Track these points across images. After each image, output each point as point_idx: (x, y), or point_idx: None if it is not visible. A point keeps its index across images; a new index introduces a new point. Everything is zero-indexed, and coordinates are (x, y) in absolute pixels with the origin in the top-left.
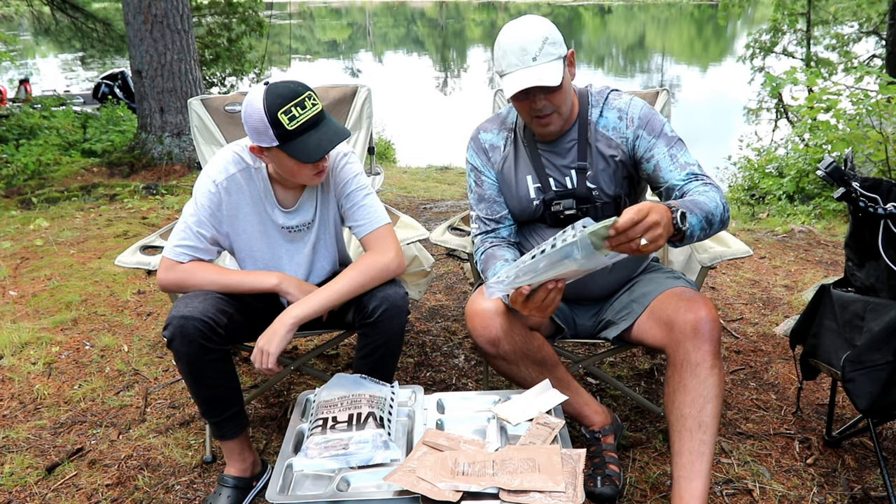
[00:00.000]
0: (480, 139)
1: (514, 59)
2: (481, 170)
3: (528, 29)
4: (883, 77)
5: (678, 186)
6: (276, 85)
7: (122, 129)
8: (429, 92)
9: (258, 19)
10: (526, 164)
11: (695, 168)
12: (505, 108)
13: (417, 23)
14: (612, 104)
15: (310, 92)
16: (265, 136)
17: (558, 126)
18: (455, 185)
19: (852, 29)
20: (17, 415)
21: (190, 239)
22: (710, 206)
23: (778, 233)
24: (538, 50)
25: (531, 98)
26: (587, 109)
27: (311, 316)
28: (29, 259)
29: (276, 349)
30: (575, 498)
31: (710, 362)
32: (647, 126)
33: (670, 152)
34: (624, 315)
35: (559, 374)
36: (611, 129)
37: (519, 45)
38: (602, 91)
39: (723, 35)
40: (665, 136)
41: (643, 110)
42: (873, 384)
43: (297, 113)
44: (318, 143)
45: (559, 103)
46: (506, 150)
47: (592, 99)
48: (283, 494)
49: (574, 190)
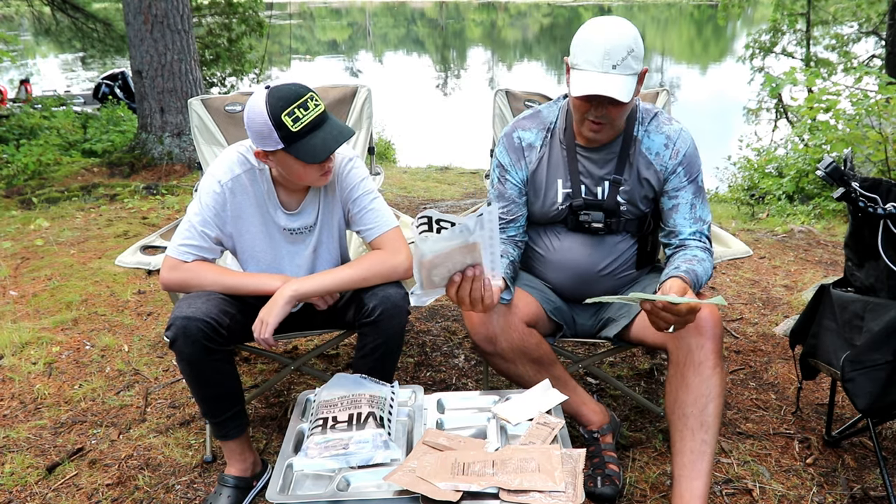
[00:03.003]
0: (515, 137)
1: (594, 57)
2: (508, 168)
3: (618, 33)
4: (882, 77)
5: (681, 236)
6: (277, 88)
7: (123, 129)
8: (429, 92)
9: (258, 19)
10: (559, 167)
11: (704, 228)
12: (545, 106)
13: (417, 23)
14: (662, 128)
15: (311, 93)
16: (270, 140)
17: (608, 137)
18: (455, 185)
19: (852, 29)
20: (17, 414)
21: (194, 238)
22: (703, 280)
23: (778, 233)
24: (621, 59)
25: (594, 104)
26: (634, 125)
27: (309, 293)
28: (29, 259)
29: (273, 320)
30: (575, 498)
31: (712, 361)
32: (688, 166)
33: (693, 201)
34: (624, 313)
35: (557, 373)
36: (654, 154)
37: (604, 47)
38: (650, 109)
39: (722, 35)
40: (696, 184)
41: (690, 148)
42: (873, 384)
43: (300, 114)
44: (323, 143)
45: (617, 116)
46: (542, 150)
47: (640, 115)
48: (284, 494)
49: (603, 202)
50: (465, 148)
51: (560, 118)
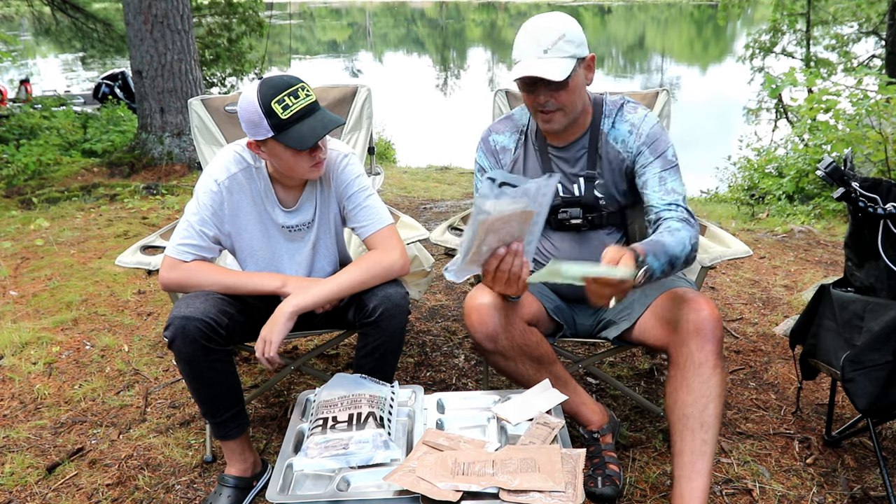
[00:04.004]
0: (490, 140)
1: (527, 47)
2: (488, 171)
3: (549, 22)
4: (882, 77)
5: (655, 210)
6: (268, 78)
7: (123, 129)
8: (429, 92)
9: (258, 19)
10: (534, 168)
11: (678, 199)
12: (517, 110)
13: (417, 23)
14: (626, 117)
15: (302, 83)
16: (260, 128)
17: (561, 125)
18: (455, 185)
19: (852, 29)
20: (17, 414)
21: (193, 238)
22: (676, 251)
23: (778, 233)
24: (551, 44)
25: (536, 92)
26: (600, 119)
27: (309, 306)
28: (29, 259)
29: (276, 338)
30: (575, 498)
31: (713, 362)
32: (651, 144)
33: (661, 174)
34: (624, 315)
35: (556, 372)
36: (620, 142)
37: (535, 36)
38: (616, 101)
39: (722, 35)
40: (663, 158)
41: (653, 128)
42: (873, 384)
43: (290, 102)
44: (311, 130)
45: (564, 102)
46: (516, 152)
47: (606, 109)
48: (284, 494)
49: (581, 198)
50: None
51: (532, 120)
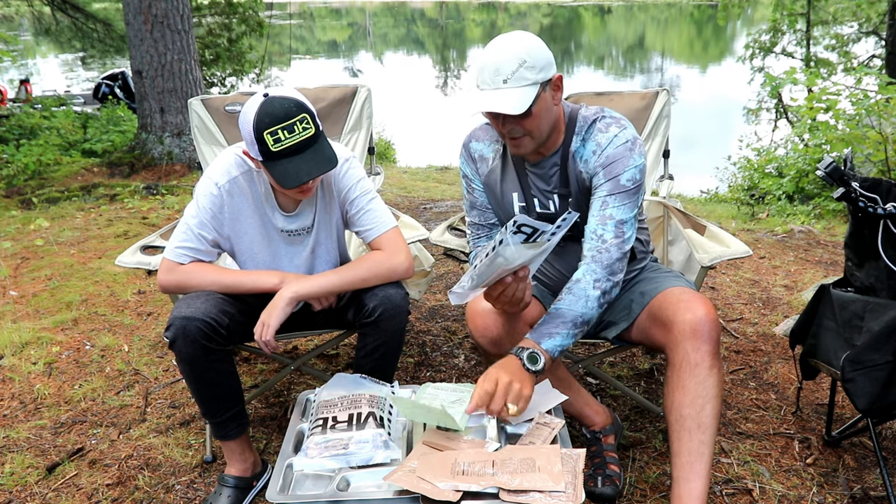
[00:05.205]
0: (471, 147)
1: (486, 76)
2: (471, 178)
3: (507, 48)
4: (882, 77)
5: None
6: (272, 101)
7: (123, 129)
8: (429, 92)
9: (258, 19)
10: (513, 181)
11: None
12: None
13: (417, 23)
14: (595, 136)
15: (305, 115)
16: (252, 149)
17: (530, 149)
18: (455, 185)
19: (852, 29)
20: (17, 414)
21: (191, 240)
22: (577, 309)
23: (778, 233)
24: (511, 73)
25: (500, 121)
26: (572, 137)
27: (309, 294)
28: (29, 259)
29: (275, 322)
30: (575, 498)
31: (709, 362)
32: (608, 166)
33: (606, 198)
34: (623, 315)
35: (560, 374)
36: (583, 161)
37: (494, 64)
38: (590, 116)
39: (722, 35)
40: (614, 182)
41: (617, 149)
42: (873, 384)
43: (282, 136)
44: (296, 172)
45: (531, 128)
46: (494, 162)
47: (578, 126)
48: (284, 494)
49: (556, 214)
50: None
51: None
